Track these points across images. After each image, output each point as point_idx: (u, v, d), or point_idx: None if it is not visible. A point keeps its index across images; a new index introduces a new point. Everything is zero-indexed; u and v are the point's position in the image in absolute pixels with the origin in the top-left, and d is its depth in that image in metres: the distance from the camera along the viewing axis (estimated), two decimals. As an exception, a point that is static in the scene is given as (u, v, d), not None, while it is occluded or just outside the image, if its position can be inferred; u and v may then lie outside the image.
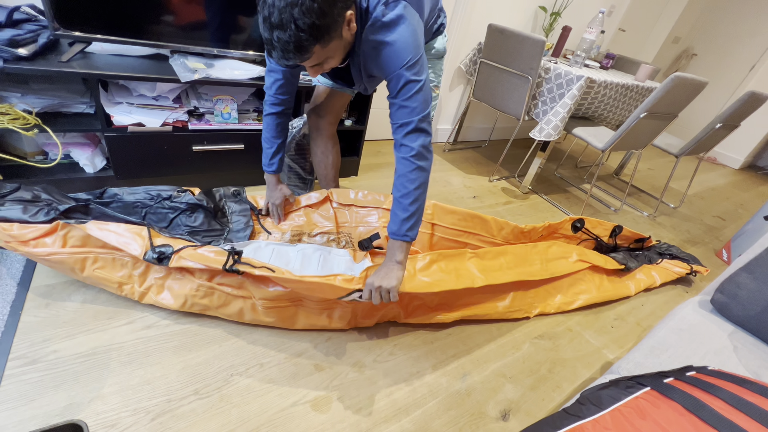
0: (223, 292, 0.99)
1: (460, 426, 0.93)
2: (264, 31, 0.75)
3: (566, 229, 1.54)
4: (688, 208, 2.70)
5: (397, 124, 0.91)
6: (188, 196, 1.22)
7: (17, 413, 0.75)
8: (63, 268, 0.96)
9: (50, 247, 0.92)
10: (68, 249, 0.93)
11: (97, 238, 0.92)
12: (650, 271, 1.66)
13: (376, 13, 0.83)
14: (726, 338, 0.89)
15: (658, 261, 1.74)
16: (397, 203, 0.93)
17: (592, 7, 2.88)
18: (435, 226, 1.35)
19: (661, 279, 1.65)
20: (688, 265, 1.74)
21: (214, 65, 1.40)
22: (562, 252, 1.41)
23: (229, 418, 0.83)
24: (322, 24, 0.73)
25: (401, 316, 1.16)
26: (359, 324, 1.13)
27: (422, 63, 0.88)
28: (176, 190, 1.21)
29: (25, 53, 1.10)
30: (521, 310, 1.30)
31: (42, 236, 0.91)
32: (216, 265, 0.92)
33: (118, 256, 0.98)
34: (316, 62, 0.82)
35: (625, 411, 0.58)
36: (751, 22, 3.88)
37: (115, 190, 1.16)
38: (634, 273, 1.62)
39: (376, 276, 0.92)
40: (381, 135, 2.52)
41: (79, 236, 0.94)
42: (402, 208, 0.92)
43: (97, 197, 1.14)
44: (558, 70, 1.99)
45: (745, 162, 4.12)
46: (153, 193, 1.19)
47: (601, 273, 1.51)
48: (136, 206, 1.16)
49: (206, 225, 1.23)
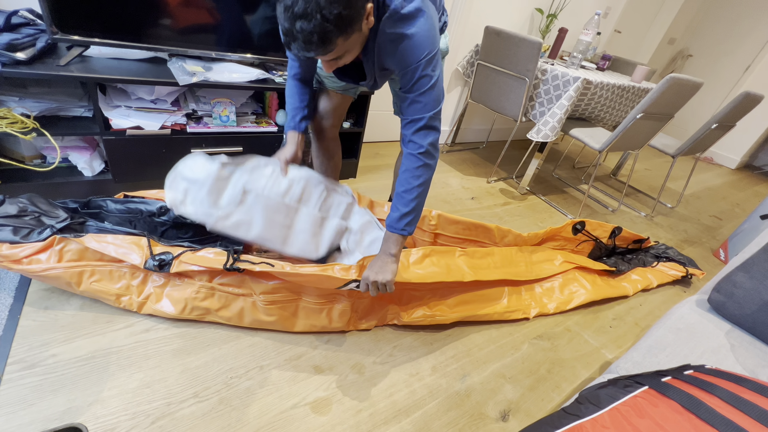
0: (223, 293, 1.00)
1: (459, 427, 0.93)
2: (285, 21, 0.72)
3: (567, 232, 1.55)
4: (685, 208, 2.72)
5: (408, 120, 0.92)
6: (172, 213, 1.14)
7: (16, 417, 0.75)
8: (59, 283, 0.95)
9: (45, 263, 0.91)
10: (64, 264, 0.93)
11: (94, 250, 0.94)
12: (645, 273, 1.68)
13: (394, 4, 0.81)
14: (723, 337, 0.90)
15: (653, 264, 1.74)
16: (399, 197, 0.94)
17: (587, 8, 2.90)
18: (438, 236, 1.37)
19: (657, 281, 1.67)
20: (684, 267, 1.75)
21: (212, 68, 1.40)
22: (546, 256, 1.45)
23: (228, 420, 0.83)
24: (347, 15, 0.71)
25: (399, 315, 1.16)
26: (358, 326, 1.13)
27: (437, 59, 0.87)
28: (159, 207, 1.15)
29: (24, 57, 1.10)
30: (519, 311, 1.31)
31: (35, 253, 0.91)
32: (217, 265, 0.93)
33: (116, 268, 0.98)
34: (336, 56, 0.80)
35: (623, 410, 0.58)
36: (746, 23, 3.91)
37: (100, 200, 1.14)
38: (629, 274, 1.64)
39: (371, 270, 0.93)
40: (379, 137, 2.52)
41: (75, 250, 0.94)
42: (404, 202, 0.93)
43: (83, 206, 1.12)
44: (555, 71, 2.01)
45: (741, 162, 4.14)
46: (133, 207, 1.14)
47: (593, 274, 1.53)
48: (123, 217, 1.14)
49: (199, 235, 1.21)
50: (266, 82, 1.47)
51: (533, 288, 1.40)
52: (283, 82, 1.52)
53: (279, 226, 1.03)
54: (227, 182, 0.99)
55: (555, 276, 1.44)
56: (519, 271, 1.32)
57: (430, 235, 1.36)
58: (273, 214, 1.02)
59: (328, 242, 1.09)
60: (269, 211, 1.01)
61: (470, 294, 1.23)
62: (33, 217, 0.96)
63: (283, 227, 1.04)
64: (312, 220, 1.06)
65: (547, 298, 1.40)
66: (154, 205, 1.16)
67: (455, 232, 1.37)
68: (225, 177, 0.99)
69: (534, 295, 1.38)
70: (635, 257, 1.76)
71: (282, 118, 1.62)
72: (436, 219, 1.34)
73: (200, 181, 0.97)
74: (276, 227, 1.03)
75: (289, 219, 1.04)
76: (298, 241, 1.05)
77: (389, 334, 1.15)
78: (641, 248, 1.84)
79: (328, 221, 1.09)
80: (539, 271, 1.38)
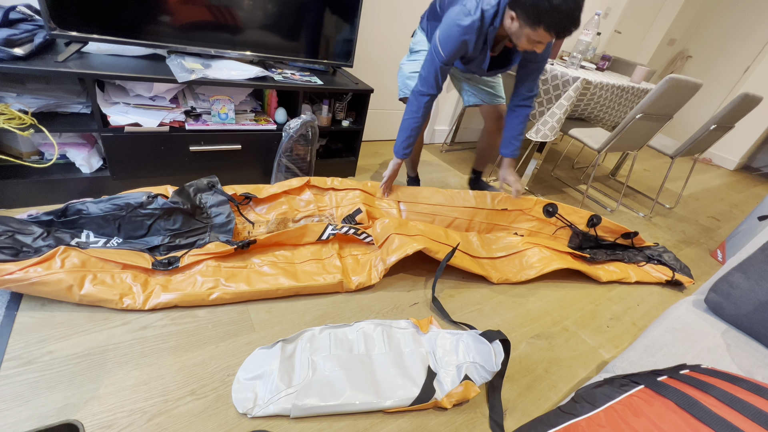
0: (229, 268, 1.14)
1: (456, 425, 0.93)
2: (575, 7, 1.01)
3: (538, 212, 1.67)
4: (683, 209, 2.72)
5: (530, 83, 1.43)
6: (161, 200, 1.18)
7: (12, 414, 0.75)
8: (58, 289, 0.93)
9: (45, 270, 0.92)
10: (66, 269, 0.95)
11: (98, 258, 0.99)
12: (626, 268, 1.69)
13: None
14: (719, 337, 0.90)
15: (640, 263, 1.74)
16: (514, 137, 1.51)
17: (587, 9, 2.88)
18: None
19: (636, 277, 1.66)
20: (672, 272, 1.73)
21: (211, 65, 1.40)
22: (508, 244, 1.61)
23: (225, 418, 0.83)
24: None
25: (384, 260, 1.29)
26: (349, 286, 1.23)
27: None
28: (146, 196, 1.17)
29: (21, 53, 1.10)
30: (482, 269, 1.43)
31: (33, 266, 0.91)
32: (224, 249, 1.14)
33: (117, 272, 1.02)
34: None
35: (619, 409, 0.58)
36: (746, 24, 3.92)
37: (78, 205, 1.12)
38: (606, 264, 1.68)
39: (513, 176, 1.60)
40: (378, 136, 2.52)
41: (79, 259, 0.98)
42: (518, 139, 1.52)
43: (60, 215, 1.10)
44: (554, 71, 2.01)
45: (740, 163, 4.15)
46: (120, 202, 1.14)
47: (564, 254, 1.59)
48: (107, 218, 1.13)
49: (187, 225, 1.22)
50: (265, 80, 1.47)
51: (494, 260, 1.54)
52: (282, 79, 1.52)
53: (362, 376, 0.94)
54: (293, 359, 0.95)
55: (518, 252, 1.56)
56: (475, 249, 1.53)
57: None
58: (350, 367, 0.95)
59: (419, 370, 0.99)
60: (345, 367, 0.95)
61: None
62: (7, 236, 0.96)
63: (367, 376, 0.95)
64: (390, 359, 1.00)
65: (511, 266, 1.51)
66: (141, 196, 1.17)
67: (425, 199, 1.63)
68: (289, 355, 0.95)
69: (494, 264, 1.51)
70: (623, 253, 1.76)
71: (282, 117, 1.62)
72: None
73: (268, 370, 0.91)
74: (360, 379, 0.93)
75: (368, 367, 0.97)
76: (390, 385, 0.94)
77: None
78: (633, 245, 1.84)
79: (405, 354, 1.02)
80: (498, 250, 1.56)
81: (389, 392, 0.92)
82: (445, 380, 0.98)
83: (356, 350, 1.01)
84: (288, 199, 1.47)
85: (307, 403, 0.85)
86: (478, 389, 0.96)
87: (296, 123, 1.52)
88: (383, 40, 2.13)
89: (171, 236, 1.19)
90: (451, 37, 1.14)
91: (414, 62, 1.53)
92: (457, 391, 0.94)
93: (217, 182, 1.35)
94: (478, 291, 1.40)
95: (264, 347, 0.97)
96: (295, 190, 1.49)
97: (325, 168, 1.87)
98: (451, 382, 0.97)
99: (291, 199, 1.48)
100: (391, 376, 0.95)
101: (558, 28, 1.01)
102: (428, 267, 1.43)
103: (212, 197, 1.31)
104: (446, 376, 0.99)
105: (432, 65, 1.23)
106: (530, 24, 1.09)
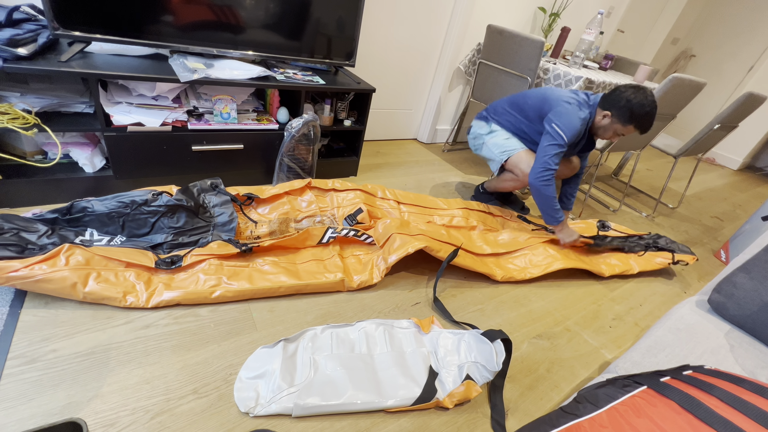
0: (231, 267, 1.14)
1: (458, 425, 0.93)
2: (655, 110, 1.38)
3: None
4: (686, 209, 2.71)
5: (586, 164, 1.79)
6: (165, 197, 1.20)
7: (16, 412, 0.75)
8: (63, 286, 0.94)
9: (50, 268, 0.93)
10: (70, 267, 0.95)
11: (101, 256, 0.99)
12: (627, 258, 1.69)
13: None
14: (723, 337, 0.90)
15: (640, 252, 1.75)
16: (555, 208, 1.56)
17: (591, 8, 2.89)
18: (401, 204, 1.68)
19: (639, 268, 1.67)
20: (672, 254, 1.75)
21: (213, 65, 1.40)
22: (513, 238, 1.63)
23: (227, 417, 0.83)
24: None
25: (385, 259, 1.29)
26: (350, 284, 1.23)
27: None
28: (151, 194, 1.18)
29: (25, 53, 1.10)
30: (485, 266, 1.44)
31: (37, 263, 0.92)
32: (228, 251, 1.14)
33: (121, 270, 1.02)
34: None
35: (621, 409, 0.58)
36: (750, 23, 3.89)
37: (83, 203, 1.13)
38: (608, 257, 1.69)
39: (563, 234, 1.59)
40: (380, 135, 2.52)
41: (83, 257, 0.98)
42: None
43: (65, 213, 1.11)
44: (557, 70, 2.00)
45: (744, 163, 4.13)
46: (126, 200, 1.15)
47: (569, 249, 1.61)
48: (111, 216, 1.14)
49: (190, 224, 1.23)
50: (267, 80, 1.47)
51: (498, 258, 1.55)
52: (284, 79, 1.52)
53: (363, 376, 0.94)
54: (295, 359, 0.95)
55: (521, 249, 1.57)
56: (477, 246, 1.52)
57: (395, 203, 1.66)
58: (352, 367, 0.95)
59: (421, 370, 0.99)
60: (346, 366, 0.95)
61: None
62: (12, 234, 0.97)
63: (369, 375, 0.95)
64: (391, 359, 1.00)
65: (513, 264, 1.51)
66: (146, 194, 1.19)
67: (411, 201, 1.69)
68: (291, 354, 0.95)
69: (498, 261, 1.51)
70: (624, 242, 1.77)
71: (284, 116, 1.62)
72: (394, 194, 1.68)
73: (270, 369, 0.91)
74: (362, 378, 0.93)
75: (370, 366, 0.97)
76: (392, 385, 0.94)
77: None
78: (631, 235, 1.87)
79: (407, 354, 1.03)
80: (503, 247, 1.57)
81: (391, 392, 0.92)
82: (446, 380, 0.98)
83: (358, 350, 1.01)
84: (290, 200, 1.48)
85: (308, 403, 0.85)
86: (479, 389, 0.96)
87: (298, 122, 1.52)
88: (385, 40, 2.13)
89: (174, 234, 1.19)
90: (573, 127, 1.47)
91: (496, 134, 1.72)
92: (458, 390, 0.94)
93: (221, 183, 1.36)
94: (480, 290, 1.39)
95: (266, 346, 0.97)
96: (297, 191, 1.50)
97: (327, 167, 1.87)
98: (453, 382, 0.97)
99: (293, 200, 1.49)
100: (393, 376, 0.96)
101: (644, 127, 1.41)
102: (430, 266, 1.43)
103: (215, 197, 1.32)
104: (448, 375, 0.99)
105: (555, 149, 1.48)
106: (623, 122, 1.44)
